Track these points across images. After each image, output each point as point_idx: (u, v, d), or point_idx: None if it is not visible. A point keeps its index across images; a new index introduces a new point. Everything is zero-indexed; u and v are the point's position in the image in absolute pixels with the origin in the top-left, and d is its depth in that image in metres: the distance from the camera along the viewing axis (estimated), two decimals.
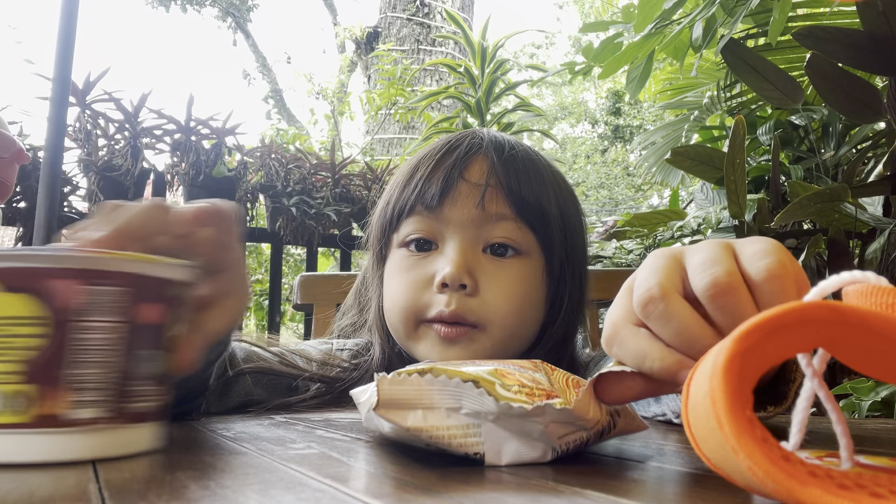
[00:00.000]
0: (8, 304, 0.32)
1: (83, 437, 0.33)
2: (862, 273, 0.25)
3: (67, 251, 0.33)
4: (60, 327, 0.32)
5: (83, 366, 0.33)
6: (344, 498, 0.25)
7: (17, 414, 0.32)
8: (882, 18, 1.45)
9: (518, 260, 0.67)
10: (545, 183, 0.70)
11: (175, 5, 10.74)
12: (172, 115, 2.05)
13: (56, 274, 0.33)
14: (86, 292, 0.33)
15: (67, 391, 0.32)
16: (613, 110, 13.54)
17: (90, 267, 0.33)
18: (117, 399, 0.34)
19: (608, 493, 0.25)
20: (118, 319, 0.34)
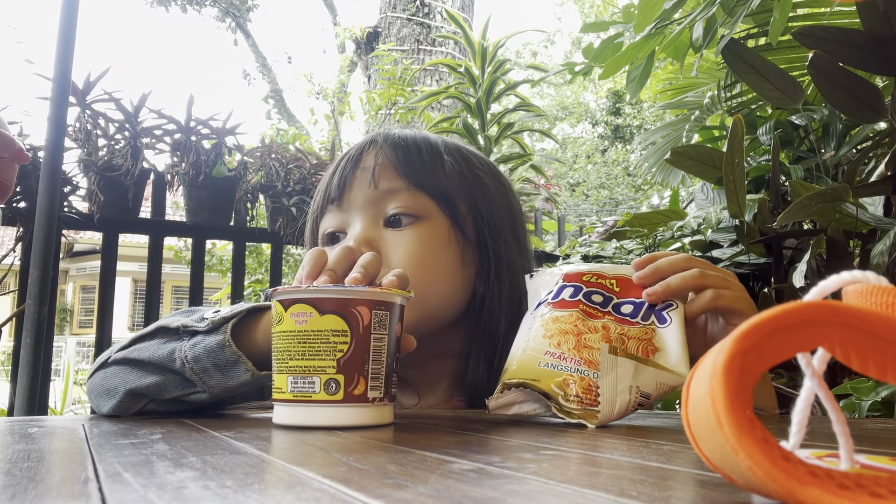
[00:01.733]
0: (324, 322, 0.51)
1: (370, 411, 0.52)
2: (862, 273, 0.25)
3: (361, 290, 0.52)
4: (356, 337, 0.51)
5: (370, 363, 0.52)
6: (344, 498, 0.25)
7: (330, 395, 0.50)
8: (882, 18, 1.45)
9: (417, 225, 0.71)
10: (439, 153, 0.75)
11: (175, 5, 10.73)
12: (172, 115, 2.05)
13: (355, 304, 0.51)
14: (370, 315, 0.52)
15: (362, 379, 0.51)
16: (613, 110, 13.54)
17: (373, 298, 0.52)
18: (388, 386, 0.53)
19: (608, 493, 0.25)
20: (386, 332, 0.53)
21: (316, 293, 0.51)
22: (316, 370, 0.50)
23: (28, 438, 0.44)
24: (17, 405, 1.52)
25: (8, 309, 2.03)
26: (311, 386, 0.50)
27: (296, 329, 0.51)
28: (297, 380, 0.50)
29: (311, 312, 0.51)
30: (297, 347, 0.51)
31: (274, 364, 0.53)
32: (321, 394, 0.50)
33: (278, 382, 0.52)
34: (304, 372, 0.50)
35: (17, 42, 21.52)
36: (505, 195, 0.79)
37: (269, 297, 0.54)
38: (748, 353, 0.22)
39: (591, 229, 3.15)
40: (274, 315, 0.53)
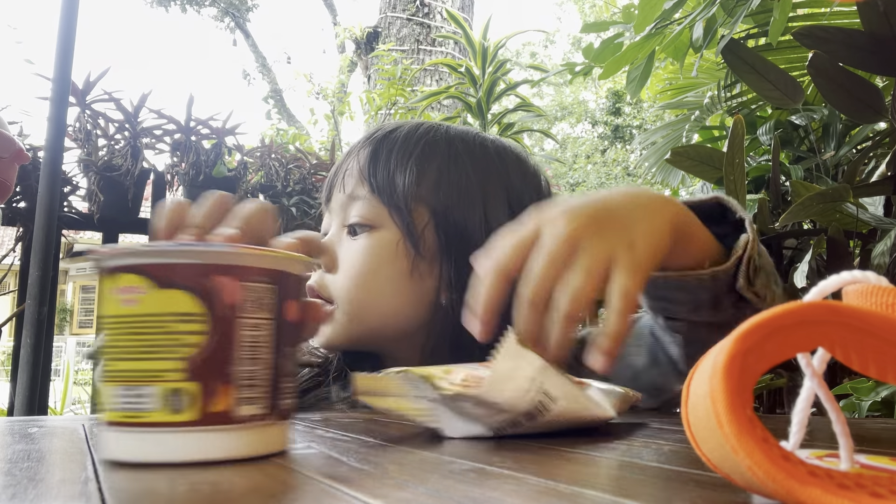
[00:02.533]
0: (164, 300, 0.33)
1: (243, 435, 0.33)
2: (862, 273, 0.25)
3: (225, 248, 0.34)
4: (220, 324, 0.33)
5: (242, 363, 0.33)
6: (344, 498, 0.25)
7: (174, 412, 0.32)
8: (882, 18, 1.45)
9: (367, 235, 0.68)
10: (408, 155, 0.69)
11: (175, 5, 10.73)
12: (172, 115, 2.05)
13: (214, 271, 0.33)
14: (241, 288, 0.34)
15: (230, 388, 0.33)
16: (613, 110, 13.54)
17: (245, 264, 0.34)
18: (270, 396, 0.35)
19: (608, 493, 0.25)
20: (268, 316, 0.35)
21: (150, 255, 0.33)
22: (151, 376, 0.32)
23: (28, 438, 0.44)
24: (17, 405, 1.52)
25: (8, 309, 2.03)
26: (143, 401, 0.32)
27: (122, 313, 0.33)
28: (125, 392, 0.33)
29: (143, 287, 0.33)
30: (126, 341, 0.33)
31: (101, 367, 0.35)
32: (160, 412, 0.32)
33: (101, 396, 0.34)
34: (134, 380, 0.33)
35: (17, 42, 21.52)
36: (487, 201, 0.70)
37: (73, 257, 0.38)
38: (748, 353, 0.22)
39: None
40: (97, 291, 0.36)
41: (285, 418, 0.36)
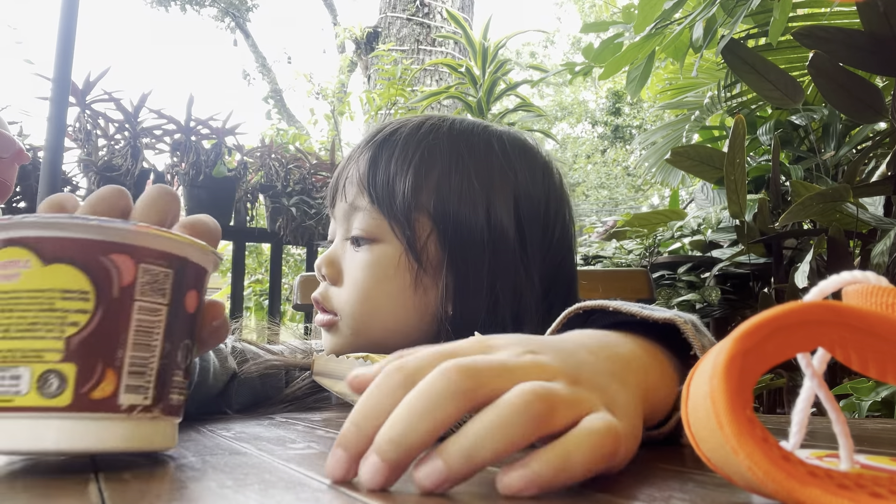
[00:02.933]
0: (49, 275, 0.30)
1: (122, 426, 0.31)
2: (862, 273, 0.25)
3: (123, 225, 0.32)
4: (105, 304, 0.31)
5: (128, 347, 0.31)
6: (344, 498, 0.25)
7: (49, 396, 0.30)
8: (882, 18, 1.45)
9: (369, 248, 0.66)
10: (408, 160, 0.65)
11: (175, 5, 10.73)
12: (172, 115, 2.05)
13: (109, 248, 0.31)
14: (136, 270, 0.32)
15: (111, 374, 0.31)
16: (613, 110, 13.55)
17: (141, 244, 0.32)
18: (157, 387, 0.32)
19: (608, 493, 0.25)
20: (162, 302, 0.33)
21: (39, 226, 0.31)
22: (26, 356, 0.30)
23: None
24: None
25: None
26: (15, 383, 0.30)
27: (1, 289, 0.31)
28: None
29: (27, 260, 0.30)
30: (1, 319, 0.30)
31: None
32: (31, 395, 0.30)
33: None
34: (5, 360, 0.30)
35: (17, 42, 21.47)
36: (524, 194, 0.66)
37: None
38: (748, 353, 0.22)
39: (591, 229, 3.15)
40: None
41: (173, 414, 0.34)
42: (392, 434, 0.26)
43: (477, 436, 0.25)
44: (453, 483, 0.26)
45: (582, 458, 0.25)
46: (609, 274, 1.17)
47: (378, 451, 0.26)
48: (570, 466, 0.25)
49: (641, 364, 0.36)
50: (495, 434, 0.25)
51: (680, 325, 0.42)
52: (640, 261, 2.27)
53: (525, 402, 0.26)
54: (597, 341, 0.36)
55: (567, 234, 0.71)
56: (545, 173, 0.70)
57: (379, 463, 0.26)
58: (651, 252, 2.29)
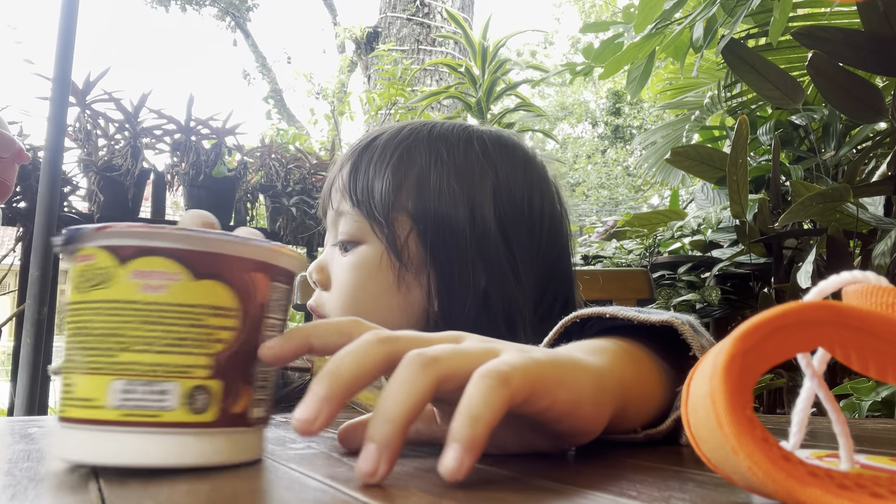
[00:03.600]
0: (198, 291, 0.30)
1: (250, 439, 0.32)
2: (862, 273, 0.25)
3: (266, 244, 0.32)
4: (248, 321, 0.31)
5: (257, 363, 0.32)
6: (344, 498, 0.25)
7: (196, 412, 0.30)
8: (883, 18, 1.45)
9: (354, 252, 0.68)
10: (385, 162, 0.67)
11: (175, 5, 10.74)
12: (172, 115, 2.05)
13: (253, 266, 0.32)
14: (268, 287, 0.33)
15: (249, 390, 0.32)
16: (613, 110, 13.54)
17: (273, 262, 0.33)
18: (271, 400, 0.34)
19: (608, 493, 0.25)
20: (281, 318, 0.34)
21: (194, 241, 0.31)
22: (173, 371, 0.30)
23: (28, 438, 0.44)
24: (17, 405, 1.52)
25: (8, 309, 2.03)
26: (162, 398, 0.30)
27: (142, 300, 0.30)
28: (134, 386, 0.30)
29: (177, 273, 0.30)
30: (142, 332, 0.30)
31: (71, 356, 0.32)
32: (179, 411, 0.30)
33: (85, 389, 0.30)
34: (152, 374, 0.30)
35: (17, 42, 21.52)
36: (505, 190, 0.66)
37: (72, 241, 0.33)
38: (748, 353, 0.22)
39: (591, 229, 3.15)
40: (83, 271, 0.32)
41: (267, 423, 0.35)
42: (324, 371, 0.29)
43: (385, 403, 0.28)
44: (389, 451, 0.27)
45: (481, 404, 0.27)
46: (609, 274, 1.17)
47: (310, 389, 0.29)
48: (477, 415, 0.27)
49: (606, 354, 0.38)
50: (398, 394, 0.28)
51: (677, 326, 0.42)
52: (640, 261, 2.27)
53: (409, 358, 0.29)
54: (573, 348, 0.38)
55: (558, 229, 0.70)
56: (527, 168, 0.70)
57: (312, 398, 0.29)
58: (651, 252, 2.29)
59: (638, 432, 0.40)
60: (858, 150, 1.84)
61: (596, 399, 0.33)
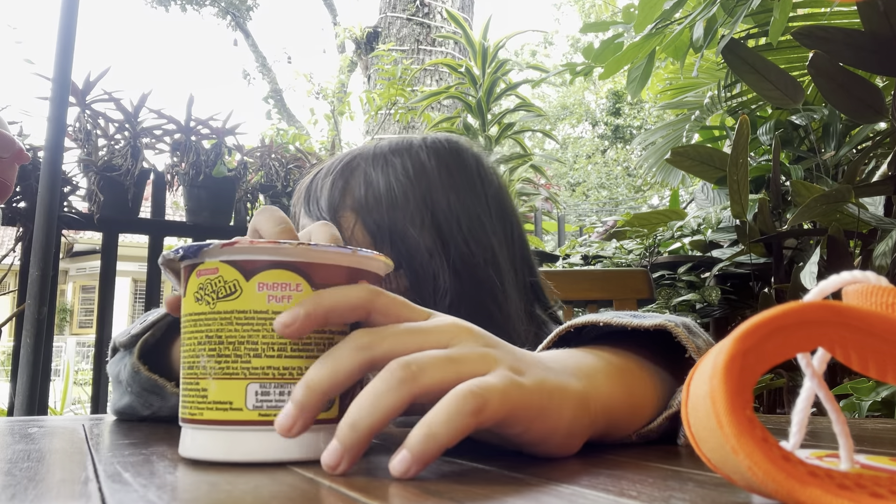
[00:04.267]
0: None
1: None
2: (862, 273, 0.25)
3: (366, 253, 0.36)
4: (356, 324, 0.34)
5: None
6: (345, 498, 0.25)
7: (323, 410, 0.33)
8: (883, 18, 1.45)
9: None
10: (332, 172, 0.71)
11: (175, 5, 10.73)
12: (172, 115, 2.05)
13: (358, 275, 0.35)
14: None
15: (359, 386, 0.34)
16: (614, 111, 13.54)
17: (372, 269, 0.37)
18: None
19: (608, 494, 0.25)
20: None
21: (310, 255, 0.34)
22: (302, 373, 0.33)
23: (28, 438, 0.44)
24: (17, 405, 1.52)
25: (8, 309, 2.03)
26: (283, 399, 0.33)
27: (270, 309, 0.33)
28: (268, 389, 0.33)
29: (298, 284, 0.33)
30: (273, 338, 0.33)
31: (199, 363, 0.34)
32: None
33: (221, 393, 0.33)
34: (285, 377, 0.33)
35: (17, 42, 21.55)
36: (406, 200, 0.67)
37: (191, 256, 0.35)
38: (748, 353, 0.22)
39: (591, 229, 3.15)
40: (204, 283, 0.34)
41: None
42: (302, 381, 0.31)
43: (357, 408, 0.30)
44: (351, 453, 0.29)
45: (442, 422, 0.28)
46: (609, 274, 1.17)
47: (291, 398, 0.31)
48: (435, 432, 0.28)
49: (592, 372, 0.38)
50: (369, 404, 0.29)
51: (671, 329, 0.42)
52: (640, 261, 2.27)
53: (389, 371, 0.30)
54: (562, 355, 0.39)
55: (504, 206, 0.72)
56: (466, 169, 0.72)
57: (289, 407, 0.31)
58: (651, 252, 2.29)
59: (631, 437, 0.40)
60: (858, 150, 1.84)
61: (571, 430, 0.34)
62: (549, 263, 2.58)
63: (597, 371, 0.39)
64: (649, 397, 0.41)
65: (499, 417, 0.30)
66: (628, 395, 0.40)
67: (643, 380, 0.42)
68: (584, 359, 0.39)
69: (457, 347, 0.32)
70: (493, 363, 0.32)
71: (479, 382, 0.30)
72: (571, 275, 1.17)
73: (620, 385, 0.40)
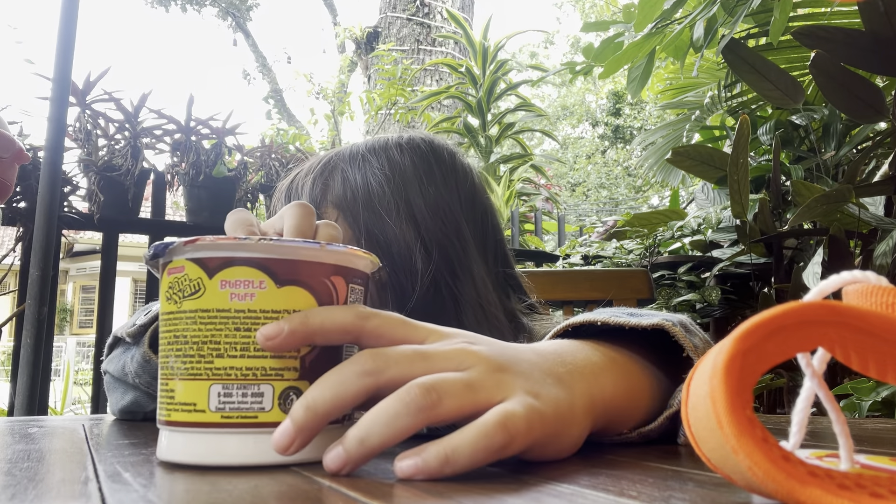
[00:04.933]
0: (283, 297, 0.33)
1: (333, 435, 0.32)
2: (862, 273, 0.25)
3: (341, 248, 0.34)
4: None
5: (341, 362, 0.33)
6: (345, 498, 0.25)
7: (287, 412, 0.32)
8: (883, 18, 1.45)
9: None
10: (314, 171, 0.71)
11: (175, 5, 10.74)
12: (172, 115, 2.04)
13: (330, 271, 0.34)
14: (347, 290, 0.35)
15: None
16: (614, 111, 13.55)
17: (350, 265, 0.35)
18: None
19: (608, 493, 0.25)
20: None
21: (274, 250, 0.33)
22: (267, 374, 0.32)
23: (28, 438, 0.44)
24: (17, 405, 1.52)
25: (8, 309, 2.03)
26: (259, 400, 0.32)
27: (232, 308, 0.32)
28: (231, 390, 0.32)
29: (262, 282, 0.32)
30: (235, 338, 0.32)
31: (168, 363, 0.34)
32: (274, 411, 0.32)
33: (186, 394, 0.33)
34: (248, 377, 0.32)
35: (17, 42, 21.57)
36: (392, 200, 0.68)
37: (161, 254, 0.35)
38: (748, 353, 0.22)
39: (591, 229, 3.15)
40: (174, 282, 0.34)
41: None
42: (303, 400, 0.31)
43: (369, 424, 0.29)
44: (354, 465, 0.30)
45: (466, 454, 0.28)
46: (609, 274, 1.17)
47: (290, 415, 0.31)
48: (455, 460, 0.28)
49: (595, 370, 0.38)
50: (385, 422, 0.29)
51: (668, 328, 0.42)
52: (640, 261, 2.27)
53: (410, 395, 0.29)
54: (552, 347, 0.39)
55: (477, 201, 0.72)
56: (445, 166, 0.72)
57: (288, 426, 0.30)
58: (651, 252, 2.29)
59: (631, 433, 0.41)
60: (858, 150, 1.84)
61: (578, 443, 0.35)
62: (550, 263, 2.58)
63: (602, 369, 0.39)
64: (647, 395, 0.42)
65: (520, 451, 0.30)
66: (628, 392, 0.40)
67: (641, 378, 0.42)
68: (591, 355, 0.40)
69: (471, 372, 0.31)
70: (510, 389, 0.31)
71: (507, 416, 0.30)
72: (571, 275, 1.17)
73: (622, 383, 0.40)
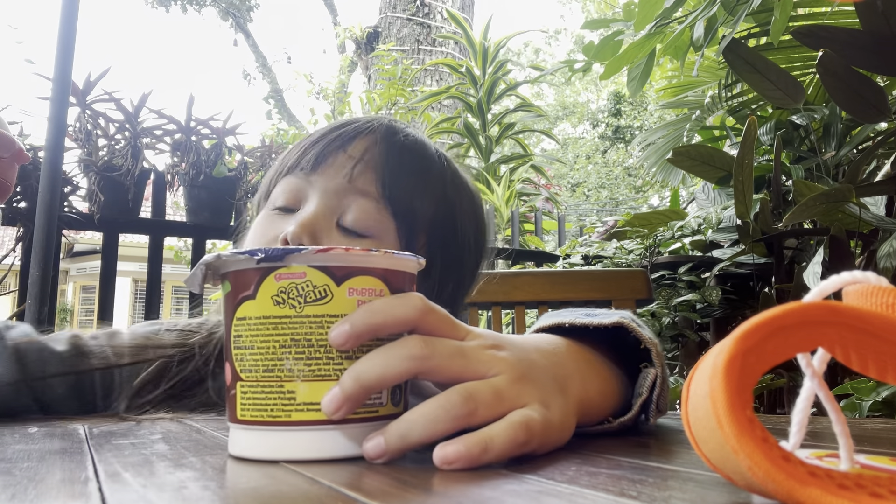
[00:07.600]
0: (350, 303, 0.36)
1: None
2: (862, 273, 0.25)
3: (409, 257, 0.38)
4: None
5: None
6: (345, 498, 0.25)
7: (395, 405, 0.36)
8: (881, 18, 1.45)
9: (363, 242, 0.63)
10: (426, 176, 0.68)
11: (175, 5, 10.74)
12: (172, 115, 2.04)
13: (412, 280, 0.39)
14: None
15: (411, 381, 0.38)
16: (614, 111, 13.55)
17: (415, 272, 0.40)
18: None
19: (608, 494, 0.25)
20: None
21: (392, 262, 0.37)
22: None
23: (28, 438, 0.44)
24: None
25: (8, 309, 2.02)
26: (378, 395, 0.35)
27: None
28: None
29: (381, 290, 0.36)
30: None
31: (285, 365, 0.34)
32: (388, 406, 0.36)
33: (311, 394, 0.34)
34: None
35: (17, 42, 21.60)
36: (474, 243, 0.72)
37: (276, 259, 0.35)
38: (748, 353, 0.22)
39: (592, 229, 3.15)
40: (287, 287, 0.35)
41: None
42: (353, 371, 0.34)
43: (410, 423, 0.33)
44: (392, 455, 0.33)
45: (500, 444, 0.32)
46: (608, 274, 1.17)
47: (339, 384, 0.34)
48: (491, 448, 0.32)
49: (582, 374, 0.43)
50: (425, 424, 0.33)
51: (626, 324, 0.48)
52: (640, 261, 2.27)
53: (451, 403, 0.33)
54: (550, 348, 0.43)
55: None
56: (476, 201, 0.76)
57: (338, 393, 0.33)
58: (651, 252, 2.28)
59: (612, 422, 0.45)
60: (859, 150, 1.84)
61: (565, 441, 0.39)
62: (550, 263, 2.58)
63: (585, 371, 0.44)
64: (614, 391, 0.47)
65: (532, 450, 0.35)
66: (601, 389, 0.45)
67: (609, 376, 0.47)
68: (577, 358, 0.44)
69: (499, 380, 0.35)
70: (528, 398, 0.36)
71: (529, 419, 0.34)
72: (570, 275, 1.17)
73: (598, 382, 0.45)
